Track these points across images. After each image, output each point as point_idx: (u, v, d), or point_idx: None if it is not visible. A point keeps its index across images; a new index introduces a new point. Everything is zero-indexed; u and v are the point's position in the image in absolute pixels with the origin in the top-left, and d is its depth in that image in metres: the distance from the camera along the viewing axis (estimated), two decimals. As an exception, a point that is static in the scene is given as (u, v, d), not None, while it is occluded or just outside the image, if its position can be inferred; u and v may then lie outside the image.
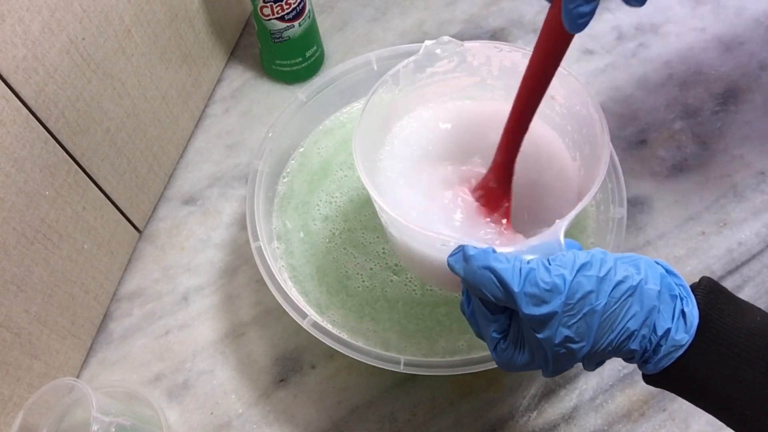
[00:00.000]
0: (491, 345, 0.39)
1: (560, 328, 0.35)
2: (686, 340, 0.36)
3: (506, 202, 0.48)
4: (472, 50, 0.51)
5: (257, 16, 0.66)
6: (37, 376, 0.52)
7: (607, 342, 0.36)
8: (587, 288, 0.35)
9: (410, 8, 0.78)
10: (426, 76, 0.52)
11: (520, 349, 0.38)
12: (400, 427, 0.54)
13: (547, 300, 0.35)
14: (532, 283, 0.35)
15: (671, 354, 0.36)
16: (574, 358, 0.37)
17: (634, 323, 0.35)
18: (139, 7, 0.56)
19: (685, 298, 0.37)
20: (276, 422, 0.55)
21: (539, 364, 0.38)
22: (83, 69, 0.51)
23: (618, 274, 0.35)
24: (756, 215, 0.63)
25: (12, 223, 0.47)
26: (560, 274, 0.35)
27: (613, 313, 0.35)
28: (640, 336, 0.36)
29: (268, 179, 0.58)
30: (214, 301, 0.61)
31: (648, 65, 0.72)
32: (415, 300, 0.55)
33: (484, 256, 0.36)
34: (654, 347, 0.36)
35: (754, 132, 0.67)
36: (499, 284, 0.36)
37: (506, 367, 0.39)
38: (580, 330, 0.35)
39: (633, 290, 0.35)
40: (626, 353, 0.37)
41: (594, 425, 0.54)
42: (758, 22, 0.75)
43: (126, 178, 0.59)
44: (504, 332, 0.39)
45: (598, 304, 0.35)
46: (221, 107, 0.71)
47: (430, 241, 0.44)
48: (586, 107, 0.47)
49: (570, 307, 0.35)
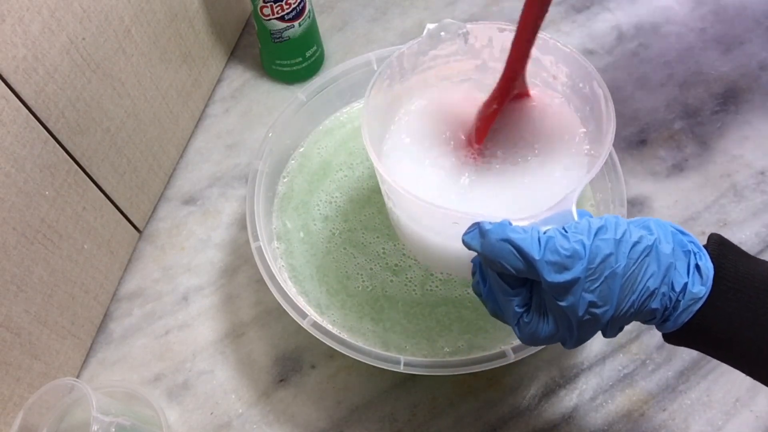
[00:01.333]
0: (513, 320, 0.39)
1: (583, 293, 0.35)
2: (703, 292, 0.36)
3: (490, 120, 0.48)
4: (474, 31, 0.51)
5: (257, 16, 0.66)
6: (37, 376, 0.52)
7: (629, 303, 0.36)
8: (606, 251, 0.35)
9: (410, 8, 0.78)
10: (429, 59, 0.52)
11: (544, 321, 0.38)
12: (400, 427, 0.54)
13: (569, 266, 0.35)
14: (552, 250, 0.35)
15: (690, 308, 0.36)
16: (598, 324, 0.37)
17: (653, 282, 0.36)
18: (139, 7, 0.56)
19: (697, 253, 0.37)
20: (276, 422, 0.55)
21: (563, 334, 0.38)
22: (83, 69, 0.51)
23: (633, 235, 0.36)
24: (756, 215, 0.63)
25: (12, 223, 0.47)
26: (579, 240, 0.35)
27: (633, 274, 0.36)
28: (660, 294, 0.36)
29: (268, 179, 0.58)
30: (214, 301, 0.61)
31: (648, 65, 0.72)
32: (415, 300, 0.55)
33: (501, 229, 0.36)
34: (673, 304, 0.37)
35: (754, 132, 0.67)
36: (519, 255, 0.36)
37: (530, 341, 0.39)
38: (603, 294, 0.35)
39: (649, 250, 0.36)
40: (647, 313, 0.37)
41: (594, 425, 0.54)
42: (758, 22, 0.75)
43: (126, 178, 0.59)
44: (526, 305, 0.38)
45: (618, 266, 0.35)
46: (221, 107, 0.71)
47: (440, 221, 0.43)
48: (590, 84, 0.47)
49: (592, 271, 0.35)
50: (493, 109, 0.49)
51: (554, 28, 0.76)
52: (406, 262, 0.56)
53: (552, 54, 0.50)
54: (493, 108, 0.49)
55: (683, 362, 0.56)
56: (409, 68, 0.51)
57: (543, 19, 0.44)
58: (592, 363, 0.56)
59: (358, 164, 0.62)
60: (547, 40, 0.49)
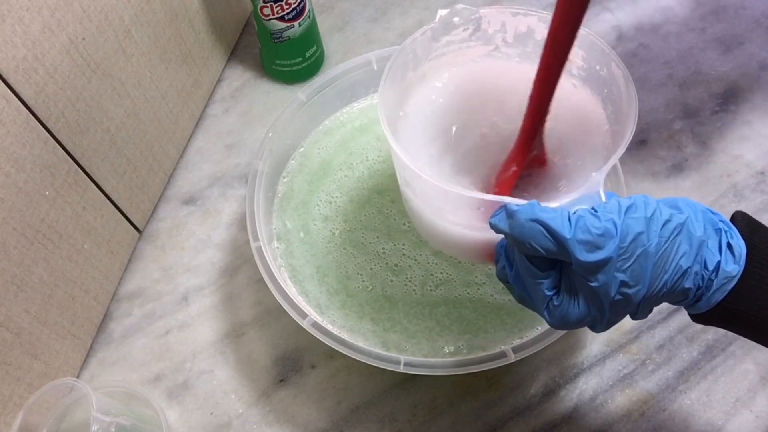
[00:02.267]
0: (542, 304, 0.38)
1: (616, 273, 0.35)
2: (737, 270, 0.36)
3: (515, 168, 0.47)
4: (488, 16, 0.50)
5: (257, 16, 0.66)
6: (37, 376, 0.52)
7: (662, 283, 0.36)
8: (637, 229, 0.35)
9: (410, 8, 0.78)
10: (442, 45, 0.51)
11: (574, 303, 0.37)
12: (400, 427, 0.54)
13: (600, 245, 0.34)
14: (583, 229, 0.35)
15: (724, 287, 0.36)
16: (630, 305, 0.36)
17: (686, 261, 0.35)
18: (139, 7, 0.56)
19: (728, 231, 0.37)
20: (276, 422, 0.55)
21: (594, 316, 0.37)
22: (83, 69, 0.51)
23: (663, 213, 0.36)
24: (756, 215, 0.62)
25: (12, 223, 0.47)
26: (610, 219, 0.35)
27: (665, 253, 0.35)
28: (692, 273, 0.36)
29: (268, 179, 0.58)
30: (214, 301, 0.61)
31: (648, 65, 0.72)
32: (415, 300, 0.55)
33: (531, 209, 0.36)
34: (706, 283, 0.36)
35: (754, 132, 0.67)
36: (549, 234, 0.35)
37: (560, 325, 0.38)
38: (635, 273, 0.35)
39: (680, 228, 0.35)
40: (679, 294, 0.37)
41: (594, 425, 0.54)
42: (758, 22, 0.75)
43: (126, 178, 0.59)
44: (555, 288, 0.38)
45: (650, 245, 0.35)
46: (221, 107, 0.71)
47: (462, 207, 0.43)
48: (607, 66, 0.47)
49: (623, 250, 0.35)
50: (512, 172, 0.47)
51: (554, 28, 0.76)
52: (406, 262, 0.56)
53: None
54: (513, 170, 0.47)
55: (683, 362, 0.56)
56: (422, 55, 0.51)
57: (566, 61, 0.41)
58: (592, 363, 0.56)
59: (358, 164, 0.62)
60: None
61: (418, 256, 0.57)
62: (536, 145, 0.47)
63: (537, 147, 0.47)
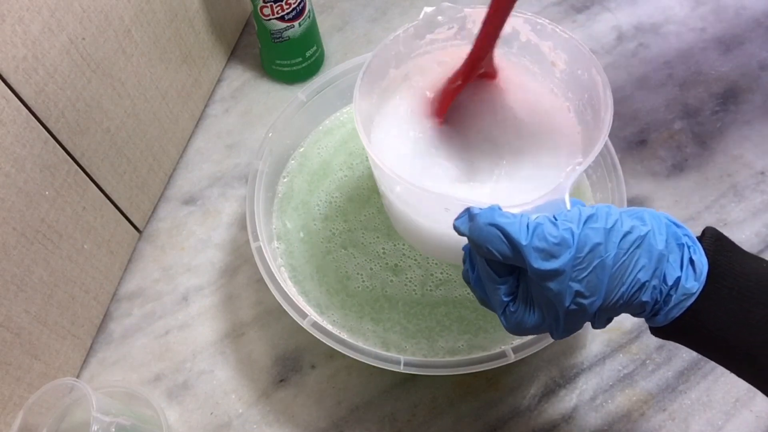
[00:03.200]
0: (500, 309, 0.38)
1: (570, 282, 0.35)
2: (696, 287, 0.35)
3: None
4: (472, 16, 0.50)
5: (257, 16, 0.66)
6: (37, 376, 0.52)
7: (618, 295, 0.35)
8: (595, 240, 0.34)
9: (410, 8, 0.78)
10: (425, 42, 0.51)
11: (530, 310, 0.37)
12: (400, 427, 0.54)
13: (556, 254, 0.34)
14: (540, 237, 0.34)
15: (682, 303, 0.36)
16: (585, 315, 0.36)
17: (644, 274, 0.35)
18: (139, 7, 0.56)
19: (692, 246, 0.36)
20: (276, 422, 0.55)
21: (550, 324, 0.37)
22: (83, 69, 0.51)
23: (624, 225, 0.35)
24: (756, 215, 0.63)
25: (12, 223, 0.47)
26: (568, 228, 0.34)
27: (623, 265, 0.35)
28: (650, 287, 0.35)
29: (268, 179, 0.58)
30: (214, 301, 0.61)
31: (648, 65, 0.72)
32: (415, 300, 0.55)
33: (490, 214, 0.36)
34: (664, 298, 0.36)
35: (754, 132, 0.67)
36: (506, 240, 0.35)
37: (516, 331, 0.38)
38: (591, 284, 0.35)
39: (641, 240, 0.35)
40: (637, 306, 0.36)
41: (594, 425, 0.54)
42: (758, 22, 0.75)
43: (126, 178, 0.59)
44: (512, 294, 0.38)
45: (607, 256, 0.34)
46: (221, 107, 0.71)
47: (432, 207, 0.43)
48: (588, 71, 0.47)
49: (580, 260, 0.34)
50: (456, 85, 0.48)
51: (554, 28, 0.76)
52: (406, 262, 0.56)
53: (551, 39, 0.49)
54: (457, 84, 0.48)
55: (683, 362, 0.56)
56: (405, 52, 0.51)
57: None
58: (592, 363, 0.56)
59: (358, 164, 0.62)
60: (546, 26, 0.48)
61: (418, 256, 0.57)
62: (484, 65, 0.48)
63: (485, 66, 0.48)
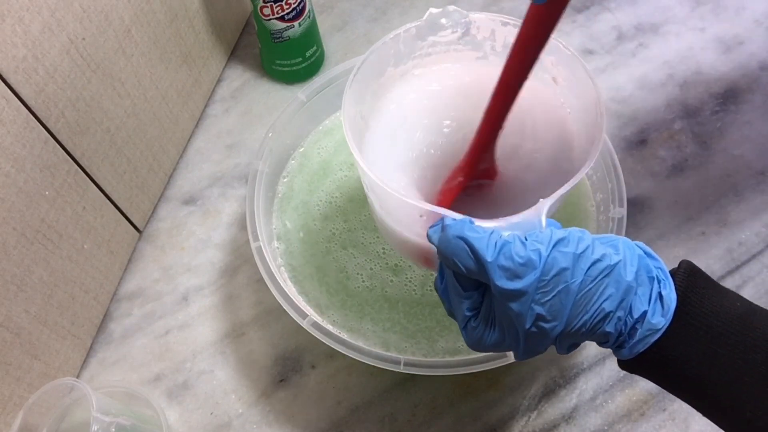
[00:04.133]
0: (462, 323, 0.38)
1: (533, 305, 0.34)
2: (663, 323, 0.35)
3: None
4: (477, 22, 0.50)
5: (257, 16, 0.66)
6: (37, 376, 0.52)
7: (581, 323, 0.35)
8: (562, 264, 0.34)
9: (410, 8, 0.78)
10: (427, 44, 0.51)
11: (491, 328, 0.37)
12: (400, 427, 0.54)
13: (520, 275, 0.34)
14: (506, 256, 0.34)
15: (647, 338, 0.35)
16: (546, 339, 0.36)
17: (609, 304, 0.34)
18: (139, 7, 0.56)
19: (663, 281, 0.36)
20: (276, 422, 0.55)
21: (510, 344, 0.37)
22: (83, 69, 0.51)
23: (595, 252, 0.34)
24: (756, 215, 0.63)
25: (12, 223, 0.47)
26: (536, 249, 0.34)
27: (588, 293, 0.34)
28: (615, 318, 0.35)
29: (268, 179, 0.58)
30: (214, 301, 0.61)
31: (648, 65, 0.72)
32: (415, 300, 0.55)
33: (460, 226, 0.35)
34: (629, 330, 0.35)
35: (754, 132, 0.67)
36: (472, 254, 0.35)
37: (476, 347, 0.38)
38: (553, 308, 0.34)
39: (610, 270, 0.34)
40: (600, 336, 0.36)
41: (594, 425, 0.54)
42: (758, 22, 0.75)
43: (126, 178, 0.59)
44: (476, 310, 0.38)
45: (573, 282, 0.34)
46: (221, 107, 0.71)
47: (408, 214, 0.43)
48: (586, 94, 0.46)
49: (544, 283, 0.34)
50: (458, 182, 0.47)
51: (554, 28, 0.76)
52: (406, 262, 0.56)
53: (553, 55, 0.48)
54: (458, 180, 0.47)
55: (683, 362, 0.56)
56: (406, 52, 0.50)
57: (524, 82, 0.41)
58: (592, 363, 0.56)
59: (358, 164, 0.62)
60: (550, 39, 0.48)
61: (418, 256, 0.57)
62: (486, 158, 0.47)
63: (487, 161, 0.47)
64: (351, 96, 0.46)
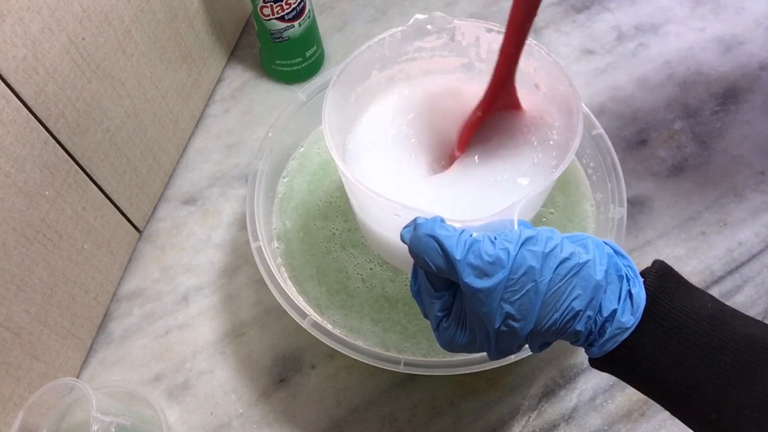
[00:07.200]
0: (434, 323, 0.38)
1: (502, 303, 0.34)
2: (632, 322, 0.35)
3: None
4: (462, 28, 0.50)
5: (257, 16, 0.66)
6: (37, 376, 0.52)
7: (551, 321, 0.35)
8: (531, 263, 0.34)
9: (410, 8, 0.78)
10: (413, 49, 0.51)
11: (462, 328, 0.37)
12: (400, 427, 0.54)
13: (489, 273, 0.34)
14: (475, 254, 0.34)
15: (616, 337, 0.35)
16: (517, 338, 0.36)
17: (579, 303, 0.34)
18: (139, 7, 0.56)
19: (632, 279, 0.36)
20: (276, 422, 0.55)
21: (481, 343, 0.37)
22: (83, 69, 0.51)
23: (564, 251, 0.34)
24: (756, 215, 0.63)
25: (12, 223, 0.47)
26: (505, 248, 0.34)
27: (557, 291, 0.34)
28: (585, 317, 0.35)
29: (268, 179, 0.58)
30: (214, 301, 0.61)
31: (648, 65, 0.72)
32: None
33: (431, 225, 0.36)
34: (599, 329, 0.35)
35: (754, 132, 0.67)
36: (442, 252, 0.35)
37: (448, 348, 0.38)
38: (522, 307, 0.34)
39: (579, 268, 0.34)
40: (571, 335, 0.36)
41: (594, 425, 0.54)
42: (758, 22, 0.75)
43: (126, 178, 0.59)
44: (447, 310, 0.38)
45: (541, 281, 0.34)
46: (221, 107, 0.71)
47: (383, 212, 0.43)
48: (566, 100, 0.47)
49: (513, 282, 0.34)
50: (476, 117, 0.47)
51: (554, 28, 0.76)
52: (406, 262, 0.56)
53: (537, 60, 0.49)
54: (477, 116, 0.47)
55: (683, 362, 0.56)
56: (391, 56, 0.51)
57: (533, 21, 0.43)
58: (592, 363, 0.56)
59: (358, 164, 0.62)
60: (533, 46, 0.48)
61: (418, 256, 0.56)
62: (503, 94, 0.47)
63: (505, 97, 0.48)
64: (333, 98, 0.47)
